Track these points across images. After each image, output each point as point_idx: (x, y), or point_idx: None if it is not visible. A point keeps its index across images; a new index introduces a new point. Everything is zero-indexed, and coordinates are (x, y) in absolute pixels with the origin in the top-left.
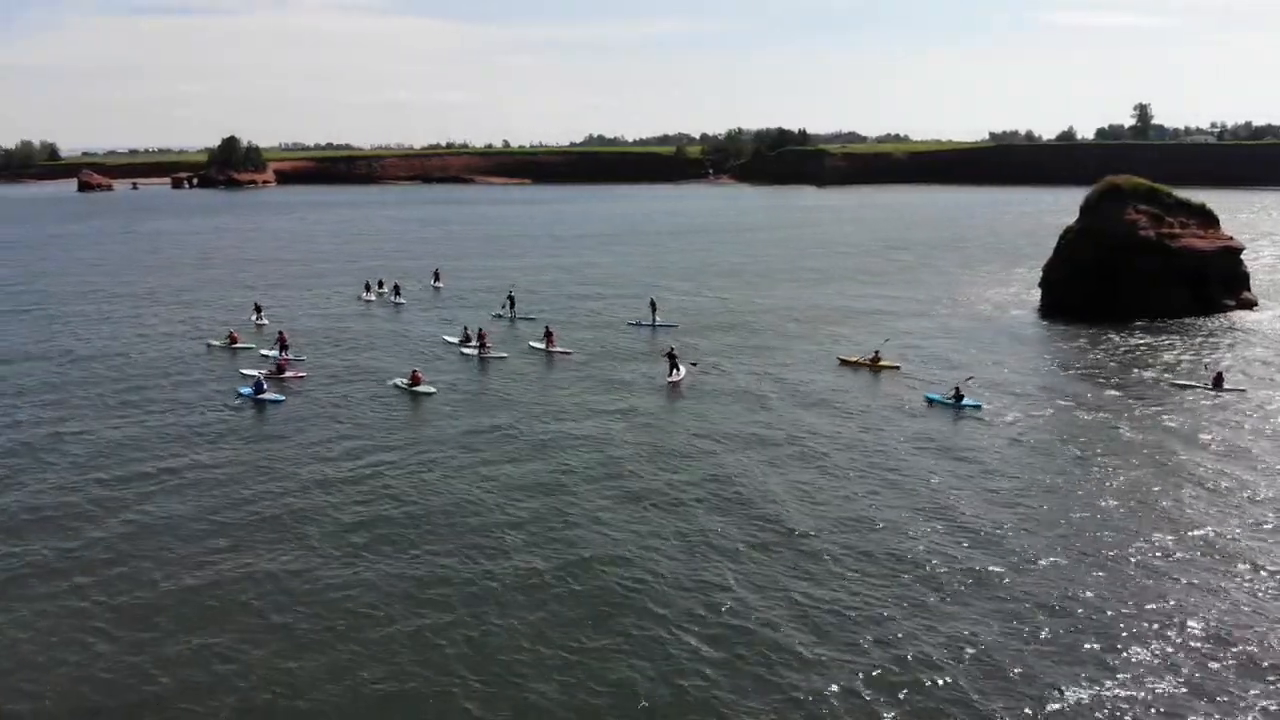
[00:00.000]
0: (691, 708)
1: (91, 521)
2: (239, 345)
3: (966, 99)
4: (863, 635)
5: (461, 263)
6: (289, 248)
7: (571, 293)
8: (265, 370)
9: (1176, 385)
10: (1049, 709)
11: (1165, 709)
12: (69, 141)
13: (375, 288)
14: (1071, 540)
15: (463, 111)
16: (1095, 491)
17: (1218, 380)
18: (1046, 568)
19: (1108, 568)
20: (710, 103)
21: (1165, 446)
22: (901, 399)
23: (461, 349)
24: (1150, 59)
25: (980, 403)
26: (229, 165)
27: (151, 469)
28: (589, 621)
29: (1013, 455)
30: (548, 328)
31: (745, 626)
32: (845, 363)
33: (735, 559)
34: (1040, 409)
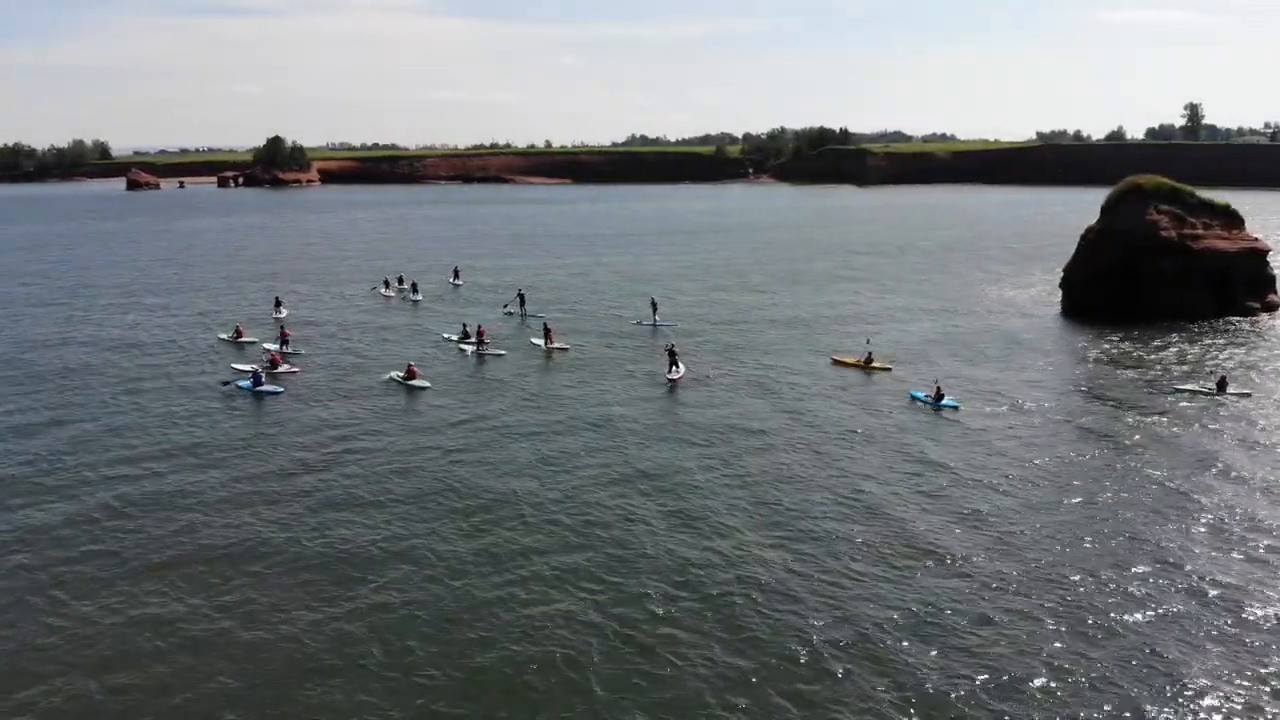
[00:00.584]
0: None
1: (71, 493)
2: (244, 339)
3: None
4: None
5: (483, 261)
6: (319, 245)
7: (582, 291)
8: (258, 365)
9: (1179, 389)
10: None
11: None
12: (124, 141)
13: (395, 284)
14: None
15: (508, 111)
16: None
17: (1221, 384)
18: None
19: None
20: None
21: (1155, 451)
22: (888, 397)
23: (460, 345)
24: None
25: (958, 403)
26: (274, 165)
27: (141, 451)
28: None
29: (982, 457)
30: (546, 324)
31: (709, 591)
32: (838, 363)
33: (706, 534)
34: (1030, 410)
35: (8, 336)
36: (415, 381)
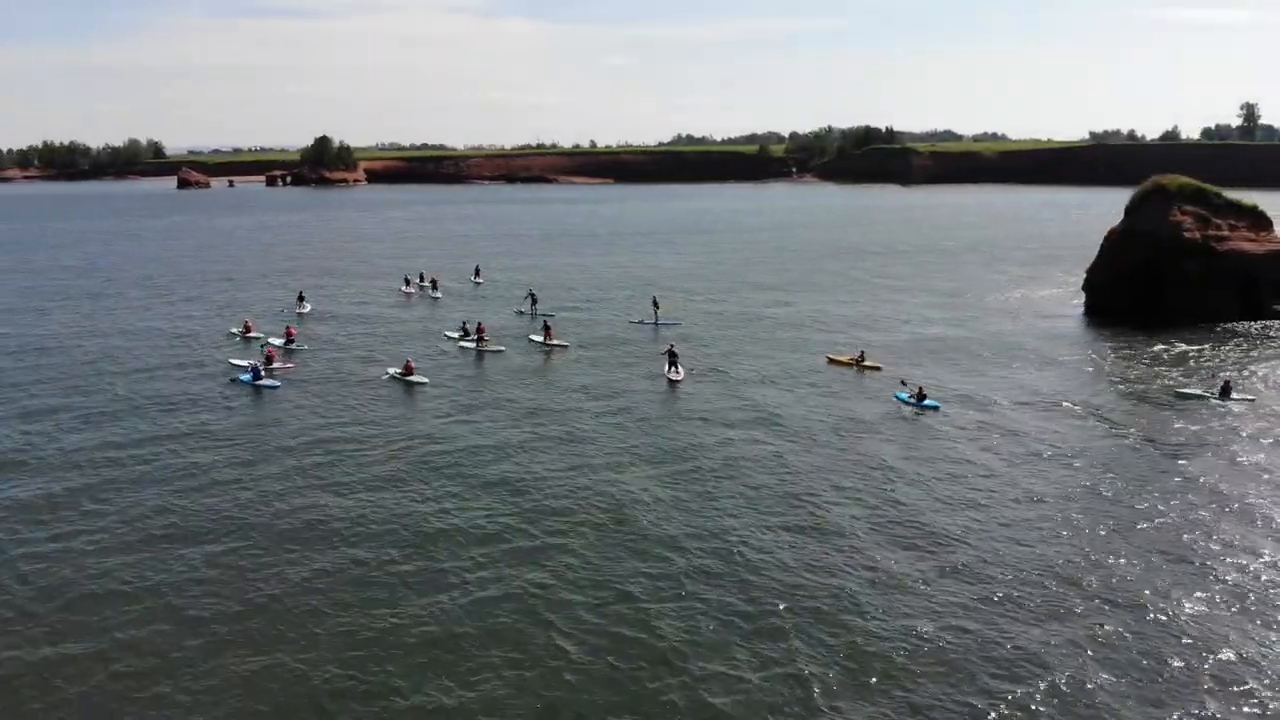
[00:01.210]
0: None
1: (67, 471)
2: (252, 334)
3: (1070, 98)
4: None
5: (506, 260)
6: (352, 243)
7: (590, 289)
8: (256, 360)
9: (1181, 393)
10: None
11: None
12: (179, 141)
13: (416, 281)
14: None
15: (557, 112)
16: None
17: (1225, 389)
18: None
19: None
20: (803, 103)
21: (1149, 456)
22: (874, 397)
23: (460, 343)
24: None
25: (939, 404)
26: (321, 164)
27: (137, 437)
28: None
29: (968, 455)
30: (545, 322)
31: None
32: (833, 362)
33: (691, 513)
34: (1013, 411)
35: (34, 326)
36: (413, 378)
